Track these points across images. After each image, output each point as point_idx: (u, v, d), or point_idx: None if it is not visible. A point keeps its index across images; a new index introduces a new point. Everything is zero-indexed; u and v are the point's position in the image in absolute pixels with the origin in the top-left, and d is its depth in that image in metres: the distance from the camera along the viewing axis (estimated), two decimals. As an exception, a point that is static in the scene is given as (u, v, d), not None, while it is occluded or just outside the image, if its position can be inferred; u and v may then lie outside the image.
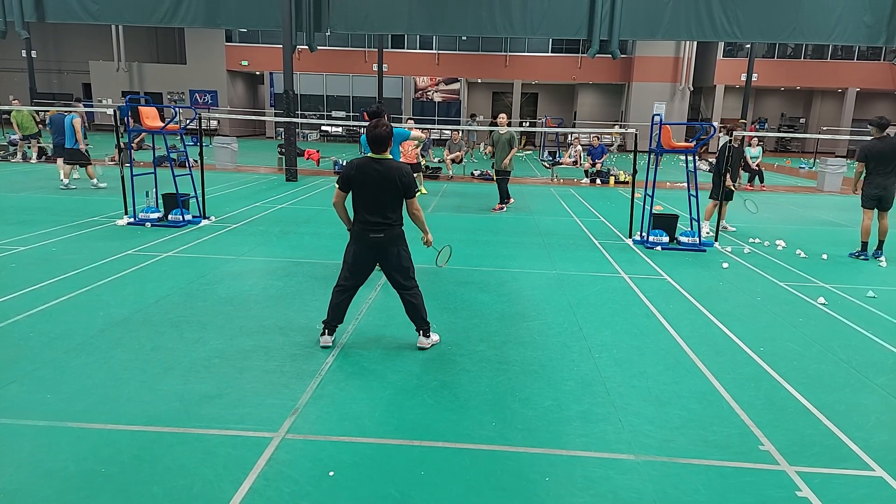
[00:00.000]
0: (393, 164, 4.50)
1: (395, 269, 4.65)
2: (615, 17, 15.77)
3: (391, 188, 4.46)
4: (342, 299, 4.75)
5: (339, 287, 4.75)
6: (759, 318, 5.82)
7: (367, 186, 4.46)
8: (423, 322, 4.77)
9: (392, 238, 4.56)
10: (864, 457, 3.44)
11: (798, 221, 11.56)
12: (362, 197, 4.50)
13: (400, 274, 4.66)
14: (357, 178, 4.48)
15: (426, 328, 4.79)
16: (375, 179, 4.44)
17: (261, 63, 33.87)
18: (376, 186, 4.45)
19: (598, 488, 3.08)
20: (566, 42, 33.39)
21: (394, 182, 4.44)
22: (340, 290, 4.75)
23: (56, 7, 16.86)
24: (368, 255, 4.65)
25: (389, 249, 4.58)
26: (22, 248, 7.39)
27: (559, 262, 7.75)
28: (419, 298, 4.73)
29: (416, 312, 4.73)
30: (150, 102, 10.08)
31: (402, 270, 4.66)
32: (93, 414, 3.61)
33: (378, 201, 4.48)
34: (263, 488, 2.97)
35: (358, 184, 4.49)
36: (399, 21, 16.73)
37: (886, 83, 32.91)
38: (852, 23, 15.63)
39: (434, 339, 4.85)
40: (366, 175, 4.45)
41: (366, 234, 4.54)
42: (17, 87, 30.87)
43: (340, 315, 4.80)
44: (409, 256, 4.71)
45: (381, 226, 4.51)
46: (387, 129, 4.46)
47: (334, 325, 4.81)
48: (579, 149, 18.81)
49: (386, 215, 4.51)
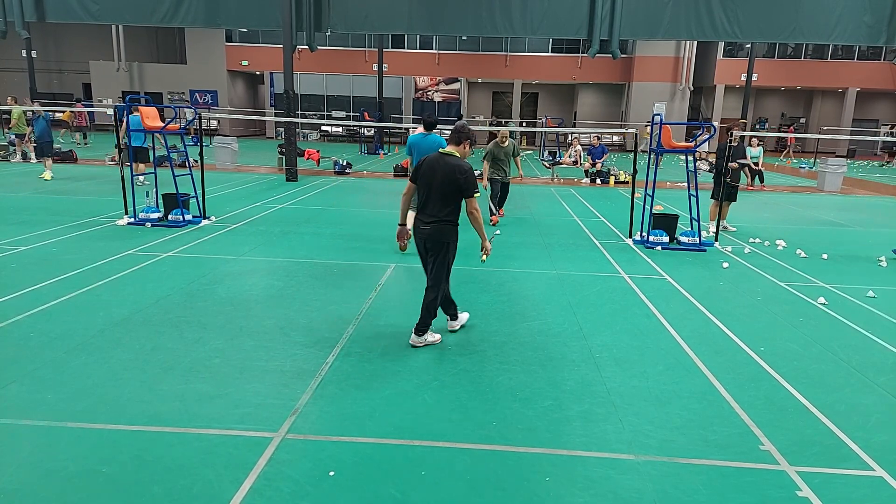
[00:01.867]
0: (457, 161, 4.64)
1: (437, 262, 4.72)
2: (615, 17, 15.77)
3: (450, 184, 4.60)
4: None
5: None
6: (759, 318, 5.82)
7: (426, 179, 4.67)
8: (426, 321, 4.80)
9: (441, 232, 4.66)
10: (864, 457, 3.44)
11: (798, 221, 11.56)
12: (421, 188, 4.71)
13: (438, 269, 4.74)
14: (423, 170, 4.70)
15: (423, 329, 4.81)
16: (437, 173, 4.62)
17: (261, 63, 33.86)
18: (436, 180, 4.63)
19: (599, 488, 3.08)
20: (566, 42, 33.39)
21: (453, 179, 4.58)
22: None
23: (56, 7, 16.86)
24: (421, 246, 4.81)
25: (438, 242, 4.68)
26: (22, 248, 7.39)
27: (559, 262, 7.75)
28: (438, 302, 4.80)
29: (428, 309, 4.78)
30: (150, 102, 10.08)
31: (442, 267, 4.74)
32: (93, 414, 3.61)
33: (433, 195, 4.64)
34: (263, 488, 2.97)
35: (422, 176, 4.70)
36: (399, 21, 16.74)
37: (886, 83, 32.91)
38: (852, 23, 15.63)
39: (431, 339, 4.85)
40: (430, 168, 4.66)
41: (418, 224, 4.73)
42: (18, 87, 30.85)
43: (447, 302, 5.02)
44: (453, 258, 4.81)
45: (431, 219, 4.66)
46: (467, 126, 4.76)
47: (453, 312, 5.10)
48: (579, 149, 18.80)
49: (439, 209, 4.64)
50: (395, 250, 7.85)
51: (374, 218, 10.72)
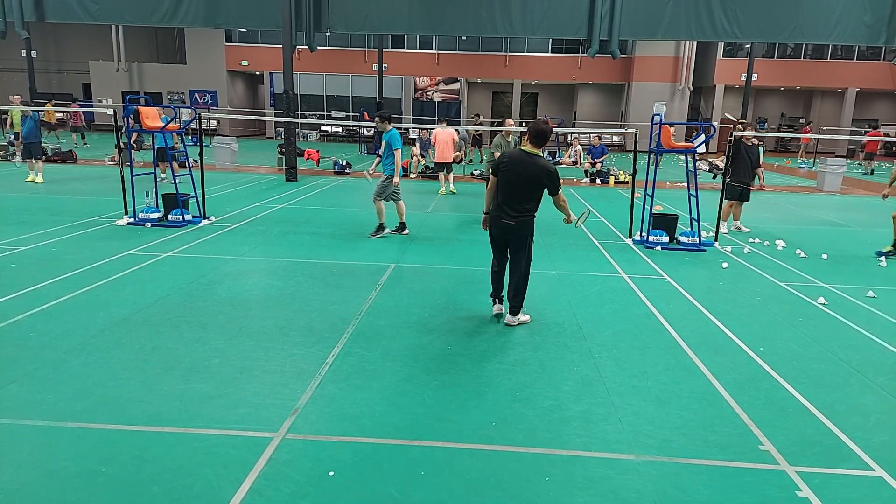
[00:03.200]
0: (543, 163, 5.02)
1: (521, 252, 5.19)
2: (615, 17, 15.77)
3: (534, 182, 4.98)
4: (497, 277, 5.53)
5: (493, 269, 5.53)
6: (759, 318, 5.83)
7: (511, 176, 5.00)
8: (521, 301, 5.28)
9: (526, 226, 5.09)
10: (864, 457, 3.44)
11: (798, 221, 11.56)
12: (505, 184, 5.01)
13: (524, 258, 5.15)
14: (505, 166, 5.01)
15: (518, 308, 5.29)
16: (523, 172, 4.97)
17: (261, 63, 33.84)
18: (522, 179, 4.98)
19: (598, 488, 3.08)
20: (566, 42, 33.37)
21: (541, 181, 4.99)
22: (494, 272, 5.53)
23: (56, 7, 16.85)
24: (501, 236, 5.24)
25: (521, 235, 5.06)
26: (22, 248, 7.39)
27: (559, 262, 7.75)
28: (526, 281, 5.20)
29: (519, 291, 5.19)
30: (150, 102, 10.08)
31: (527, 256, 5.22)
32: (93, 414, 3.61)
33: (520, 192, 5.00)
34: (263, 488, 2.97)
35: (507, 173, 5.00)
36: (399, 21, 16.73)
37: (886, 83, 32.90)
38: (852, 23, 15.62)
39: (524, 319, 5.34)
40: (516, 166, 4.98)
41: (500, 217, 5.07)
42: (17, 87, 30.86)
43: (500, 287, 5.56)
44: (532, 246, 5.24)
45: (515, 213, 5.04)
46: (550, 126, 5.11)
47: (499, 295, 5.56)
48: (579, 149, 18.80)
49: (523, 204, 5.03)
50: (398, 252, 7.86)
51: (373, 218, 10.71)
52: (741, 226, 10.36)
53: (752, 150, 10.11)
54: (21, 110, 14.12)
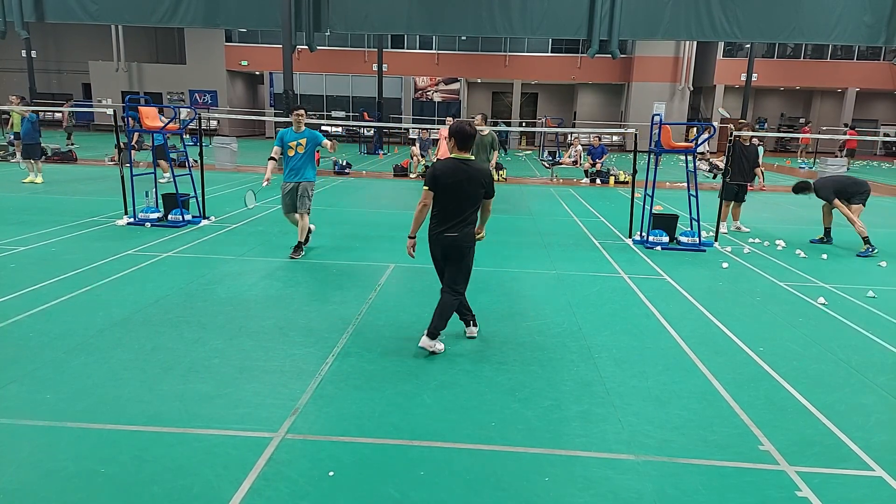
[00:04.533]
0: (479, 166, 4.67)
1: (461, 267, 4.69)
2: (615, 17, 15.78)
3: (474, 190, 4.59)
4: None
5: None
6: (759, 318, 5.83)
7: (452, 188, 4.54)
8: (442, 325, 4.67)
9: (468, 236, 4.66)
10: (864, 457, 3.44)
11: (798, 221, 11.56)
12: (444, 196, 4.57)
13: (464, 274, 4.72)
14: (443, 180, 4.54)
15: (436, 334, 4.66)
16: (465, 181, 4.55)
17: (260, 63, 33.86)
18: (464, 188, 4.56)
19: (598, 488, 3.08)
20: (566, 42, 33.39)
21: (478, 184, 4.58)
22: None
23: (55, 7, 16.86)
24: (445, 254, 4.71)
25: (463, 247, 4.65)
26: (22, 248, 7.39)
27: (559, 262, 7.75)
28: (455, 305, 4.76)
29: (444, 313, 4.67)
30: (149, 102, 10.08)
31: (465, 271, 4.73)
32: (93, 414, 3.61)
33: (459, 203, 4.57)
34: (263, 488, 2.97)
35: (446, 185, 4.54)
36: (399, 21, 16.75)
37: (886, 83, 32.92)
38: (852, 23, 15.64)
39: (438, 347, 4.69)
40: (453, 178, 4.53)
41: (441, 232, 4.61)
42: (17, 87, 30.85)
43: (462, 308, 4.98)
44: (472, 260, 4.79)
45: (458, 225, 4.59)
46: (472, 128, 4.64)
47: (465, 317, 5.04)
48: (579, 149, 18.80)
49: (467, 215, 4.61)
50: (398, 252, 7.86)
51: (373, 218, 10.73)
52: (741, 226, 10.37)
53: (750, 150, 10.11)
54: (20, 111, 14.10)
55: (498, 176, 17.20)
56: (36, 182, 13.13)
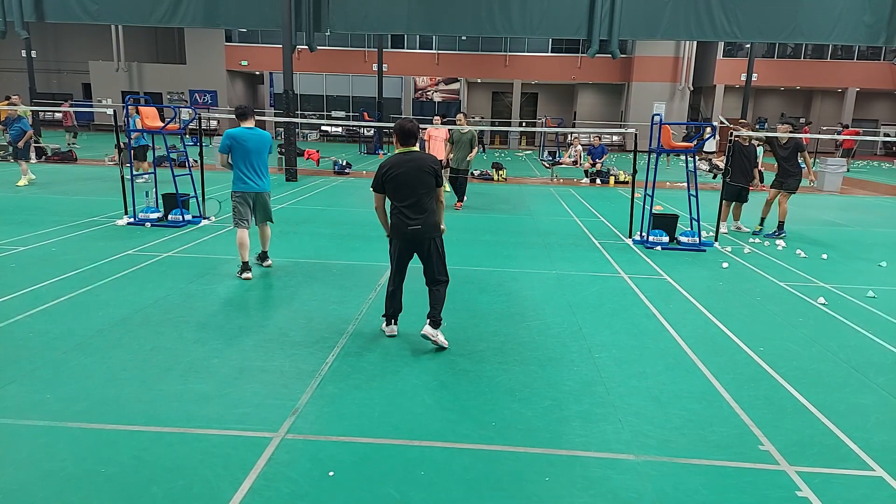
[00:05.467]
0: (424, 154, 4.73)
1: (438, 254, 4.78)
2: (615, 17, 15.76)
3: (425, 177, 4.64)
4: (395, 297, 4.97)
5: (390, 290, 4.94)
6: (759, 318, 5.82)
7: (401, 179, 4.60)
8: (439, 314, 4.81)
9: (434, 225, 4.74)
10: (864, 457, 3.44)
11: (798, 221, 11.56)
12: (399, 190, 4.63)
13: (439, 264, 4.80)
14: (391, 173, 4.61)
15: (438, 321, 4.80)
16: (413, 171, 4.61)
17: (261, 63, 33.85)
18: (414, 177, 4.61)
19: (598, 488, 3.07)
20: (566, 42, 33.38)
21: (427, 171, 4.64)
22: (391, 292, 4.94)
23: (55, 7, 16.84)
24: (409, 247, 4.79)
25: (431, 235, 4.72)
26: (22, 248, 7.38)
27: (559, 262, 7.75)
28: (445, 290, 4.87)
29: (439, 304, 4.80)
30: (149, 102, 10.08)
31: (441, 260, 4.81)
32: (92, 414, 3.61)
33: (414, 192, 4.63)
34: (263, 488, 2.97)
35: (394, 179, 4.62)
36: (398, 21, 16.72)
37: (886, 83, 32.90)
38: (852, 22, 15.62)
39: (441, 339, 4.74)
40: (400, 168, 4.61)
41: (405, 225, 4.66)
42: (17, 87, 30.83)
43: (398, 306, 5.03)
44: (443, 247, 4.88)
45: (421, 215, 4.66)
46: (414, 123, 4.75)
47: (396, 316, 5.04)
48: (579, 149, 18.80)
49: (425, 204, 4.67)
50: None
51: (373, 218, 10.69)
52: (741, 225, 10.37)
53: (749, 150, 10.10)
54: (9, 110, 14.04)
55: (498, 176, 17.22)
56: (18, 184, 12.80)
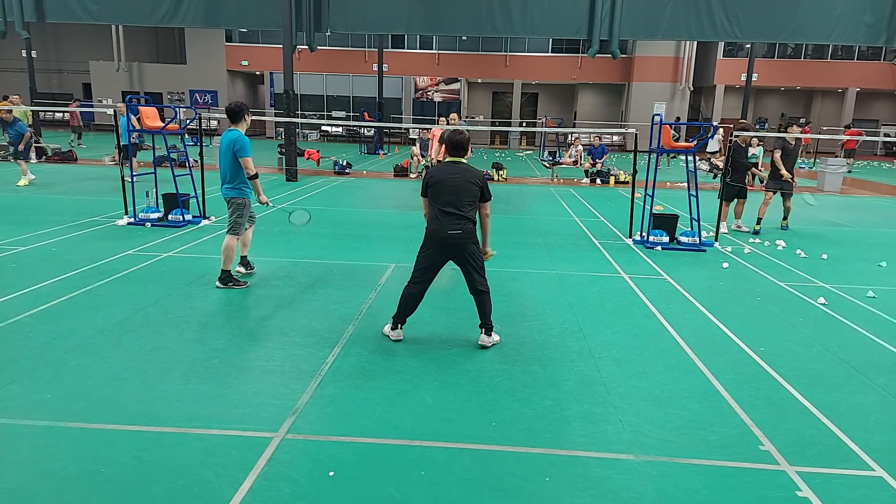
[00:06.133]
0: (472, 168, 4.82)
1: (477, 262, 4.81)
2: (615, 17, 15.77)
3: (469, 186, 4.71)
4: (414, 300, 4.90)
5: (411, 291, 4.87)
6: (759, 318, 5.82)
7: (445, 184, 4.72)
8: (489, 321, 4.88)
9: (473, 233, 4.77)
10: (864, 457, 3.44)
11: (798, 221, 11.55)
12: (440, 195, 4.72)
13: (478, 271, 4.81)
14: (436, 178, 4.75)
15: (490, 327, 4.88)
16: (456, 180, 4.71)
17: (261, 63, 33.86)
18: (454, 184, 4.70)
19: (598, 488, 3.07)
20: (566, 42, 33.39)
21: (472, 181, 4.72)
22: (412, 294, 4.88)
23: (56, 7, 16.85)
24: (443, 253, 4.79)
25: (469, 244, 4.74)
26: (22, 248, 7.39)
27: (559, 262, 7.75)
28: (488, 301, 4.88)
29: (486, 314, 4.86)
30: (150, 102, 10.08)
31: (480, 267, 4.84)
32: (92, 414, 3.61)
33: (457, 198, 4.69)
34: (263, 488, 2.97)
35: (436, 184, 4.74)
36: (399, 21, 16.74)
37: (886, 83, 32.90)
38: (852, 23, 15.63)
39: (495, 339, 4.90)
40: (445, 175, 4.73)
41: (445, 231, 4.69)
42: (17, 87, 30.83)
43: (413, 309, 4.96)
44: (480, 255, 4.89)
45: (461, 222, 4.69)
46: (465, 135, 4.85)
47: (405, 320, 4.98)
48: (580, 149, 18.80)
49: (466, 212, 4.72)
50: (398, 252, 7.86)
51: (373, 218, 10.73)
52: (742, 225, 10.37)
53: (743, 150, 10.14)
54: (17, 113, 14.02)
55: (498, 176, 17.22)
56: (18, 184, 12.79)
